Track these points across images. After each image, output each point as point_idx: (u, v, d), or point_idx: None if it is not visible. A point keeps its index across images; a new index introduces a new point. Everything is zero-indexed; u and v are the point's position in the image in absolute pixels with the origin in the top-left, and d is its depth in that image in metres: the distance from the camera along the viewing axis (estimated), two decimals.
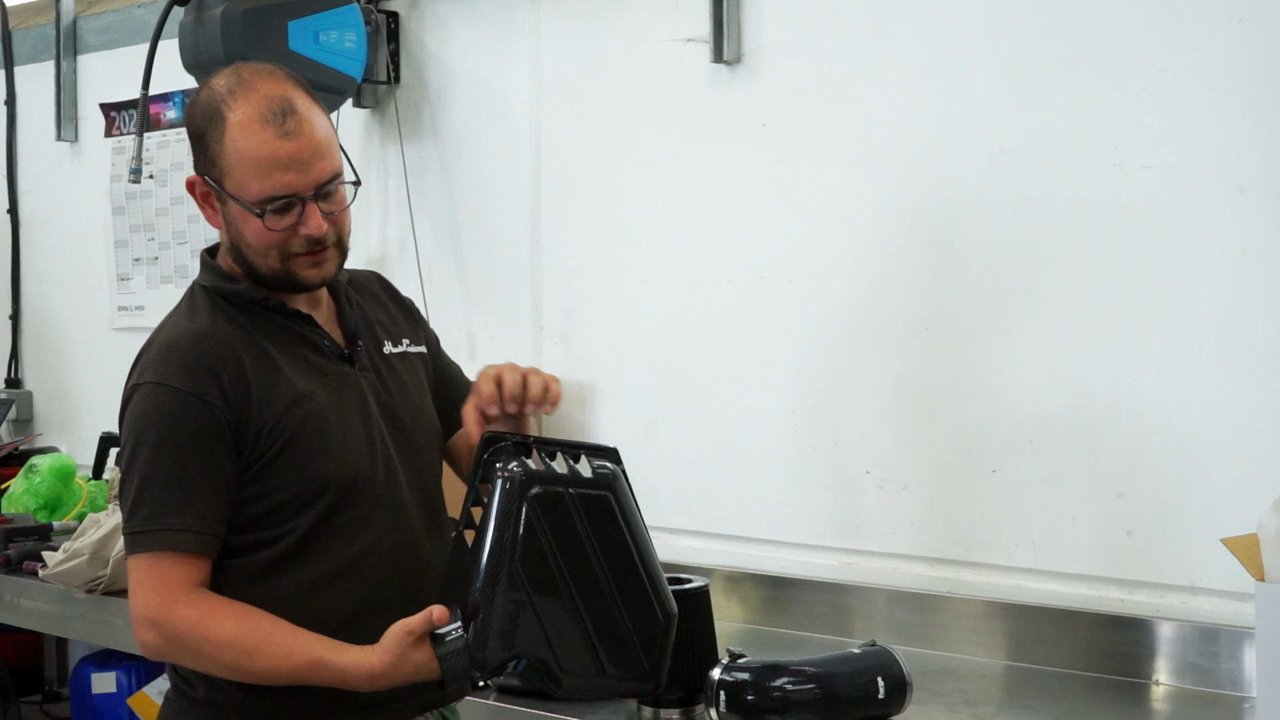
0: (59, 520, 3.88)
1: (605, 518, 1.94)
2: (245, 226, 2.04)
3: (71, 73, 4.55)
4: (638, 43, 3.25)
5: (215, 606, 1.98)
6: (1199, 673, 2.49)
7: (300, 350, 2.10)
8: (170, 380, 2.01)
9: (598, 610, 1.92)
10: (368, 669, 1.93)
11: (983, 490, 2.77)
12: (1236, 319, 2.50)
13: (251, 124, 1.99)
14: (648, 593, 1.95)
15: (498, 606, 1.88)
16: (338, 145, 2.08)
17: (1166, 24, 2.55)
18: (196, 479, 1.99)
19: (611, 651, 1.93)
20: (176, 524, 1.98)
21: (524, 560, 1.89)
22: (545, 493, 1.91)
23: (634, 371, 3.28)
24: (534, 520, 1.90)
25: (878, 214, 2.90)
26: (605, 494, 1.95)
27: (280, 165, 1.99)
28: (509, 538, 1.89)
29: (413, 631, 1.90)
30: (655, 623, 1.96)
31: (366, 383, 2.13)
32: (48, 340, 4.75)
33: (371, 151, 3.76)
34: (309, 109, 2.03)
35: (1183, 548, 2.55)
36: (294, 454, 2.03)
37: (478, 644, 1.88)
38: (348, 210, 2.09)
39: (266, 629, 1.97)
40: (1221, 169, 2.51)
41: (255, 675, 1.98)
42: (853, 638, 2.80)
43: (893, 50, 2.87)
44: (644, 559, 1.96)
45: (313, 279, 2.07)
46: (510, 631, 1.88)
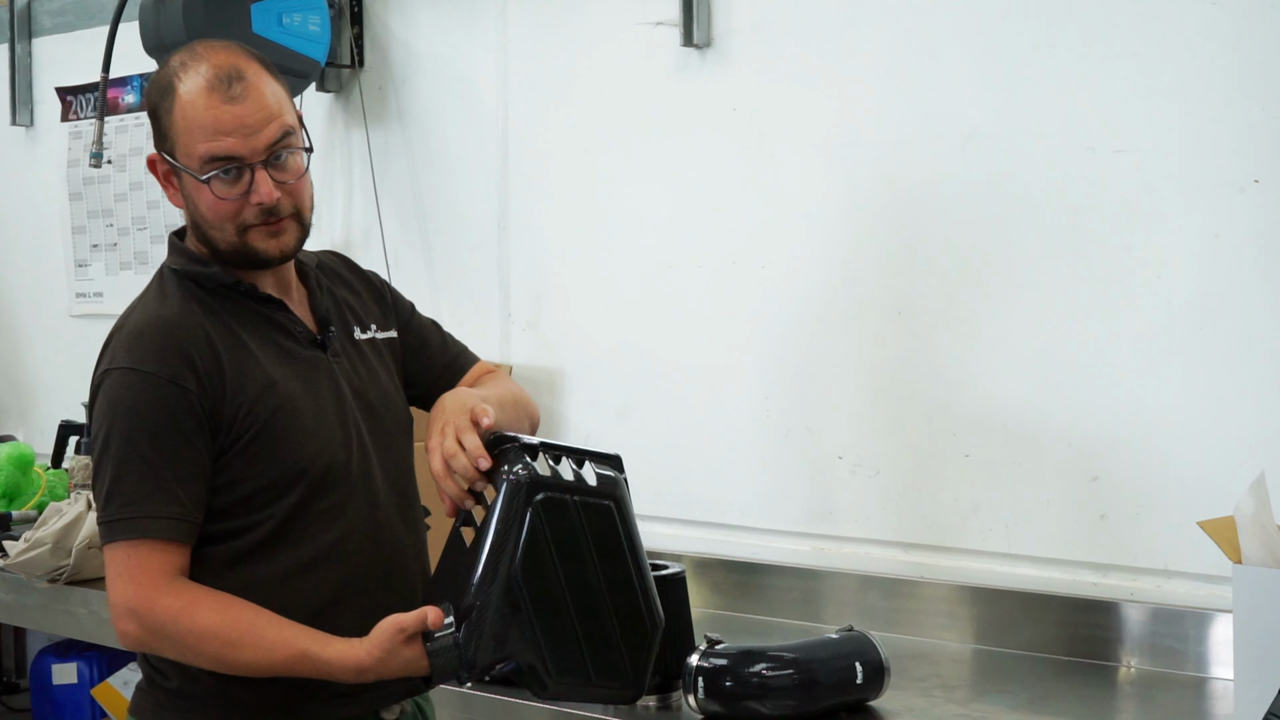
0: (18, 510, 3.82)
1: (606, 526, 1.96)
2: (200, 199, 2.01)
3: (26, 56, 4.48)
4: (606, 25, 3.23)
5: (198, 597, 1.95)
6: (1172, 655, 2.50)
7: (272, 336, 2.07)
8: (143, 365, 1.97)
9: (591, 619, 1.93)
10: (354, 663, 1.91)
11: (955, 475, 2.77)
12: (1209, 303, 2.51)
13: (199, 91, 1.98)
14: (638, 601, 1.98)
15: (493, 609, 1.87)
16: (292, 114, 2.05)
17: (1140, 7, 2.56)
18: (173, 465, 1.96)
19: (599, 660, 1.95)
20: (154, 511, 1.94)
21: (524, 565, 1.88)
22: (551, 499, 1.91)
23: (604, 358, 3.26)
24: (538, 526, 1.89)
25: (849, 198, 2.89)
26: (608, 503, 1.97)
27: (224, 129, 1.97)
28: (511, 541, 1.88)
29: (405, 629, 1.88)
30: (642, 631, 1.98)
31: (339, 369, 2.11)
32: (4, 328, 4.69)
33: (335, 136, 3.72)
34: (259, 75, 2.01)
35: (1155, 531, 2.56)
36: (269, 440, 2.00)
37: (469, 644, 1.86)
38: (305, 181, 2.06)
39: (251, 620, 1.94)
40: (1195, 153, 2.51)
41: (239, 667, 1.95)
42: (825, 623, 2.79)
43: (864, 33, 2.86)
44: (638, 568, 1.98)
45: (271, 251, 2.03)
46: (503, 635, 1.87)
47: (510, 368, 3.37)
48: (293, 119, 2.04)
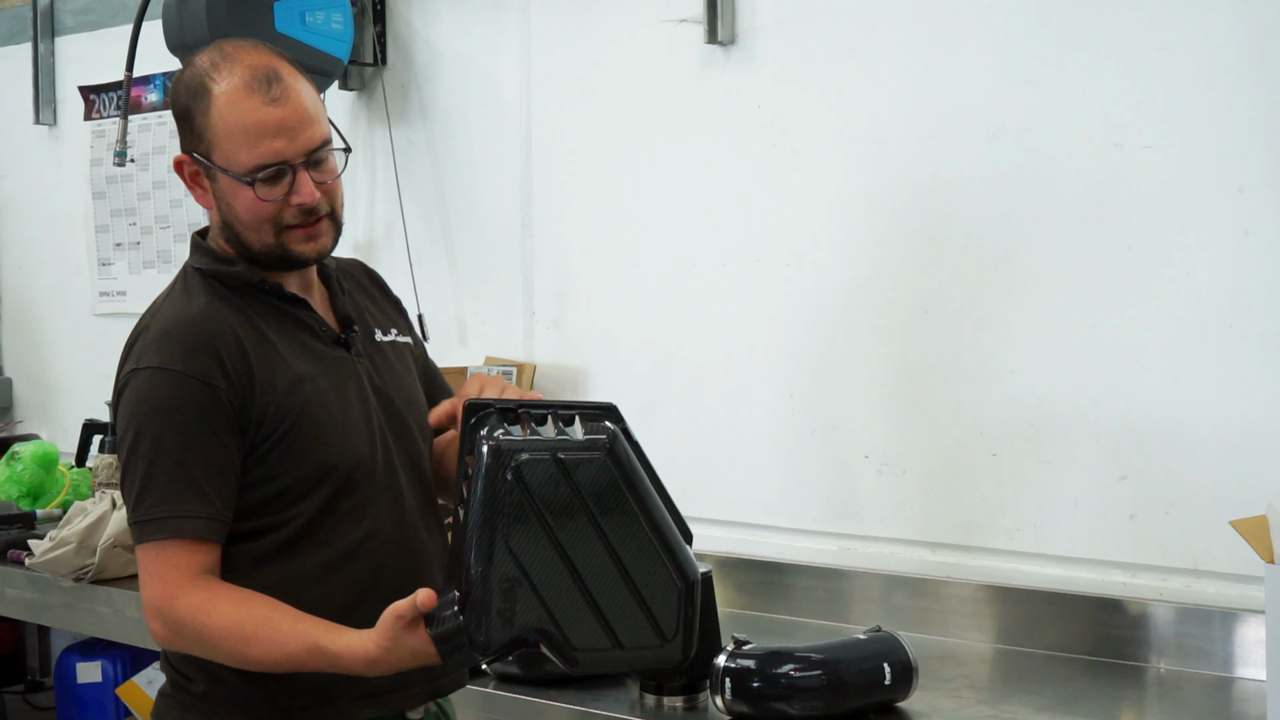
0: (42, 508, 3.83)
1: (602, 482, 1.82)
2: (236, 200, 2.00)
3: (49, 55, 4.49)
4: (630, 23, 3.21)
5: (217, 592, 1.95)
6: (1202, 656, 2.48)
7: (297, 334, 2.07)
8: (171, 364, 1.97)
9: (603, 581, 1.82)
10: (363, 655, 1.88)
11: (983, 474, 2.75)
12: (1239, 299, 2.48)
13: (238, 93, 1.97)
14: (659, 558, 1.83)
15: (492, 585, 1.80)
16: (325, 115, 2.05)
17: (1168, 1, 2.53)
18: (202, 463, 1.95)
19: (624, 623, 1.82)
20: (184, 510, 1.94)
21: (514, 534, 1.80)
22: (531, 460, 1.81)
23: (628, 356, 3.25)
24: (521, 491, 1.80)
25: (874, 195, 2.88)
26: (599, 455, 1.83)
27: (269, 132, 1.96)
28: (496, 511, 1.80)
29: (402, 616, 1.85)
30: (671, 589, 1.84)
31: (362, 368, 2.11)
32: (27, 327, 4.69)
33: (358, 134, 3.71)
34: (294, 77, 2.01)
35: (1185, 530, 2.54)
36: (297, 439, 2.00)
37: (476, 625, 1.81)
38: (339, 181, 2.06)
39: (266, 614, 1.93)
40: (1224, 148, 2.49)
41: (255, 662, 1.95)
42: (850, 623, 2.78)
43: (889, 29, 2.84)
44: (654, 522, 1.84)
45: (308, 253, 2.04)
46: (508, 610, 1.80)
47: (534, 366, 3.37)
48: (326, 122, 2.04)
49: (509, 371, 3.35)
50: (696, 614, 1.86)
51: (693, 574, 1.86)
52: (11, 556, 3.46)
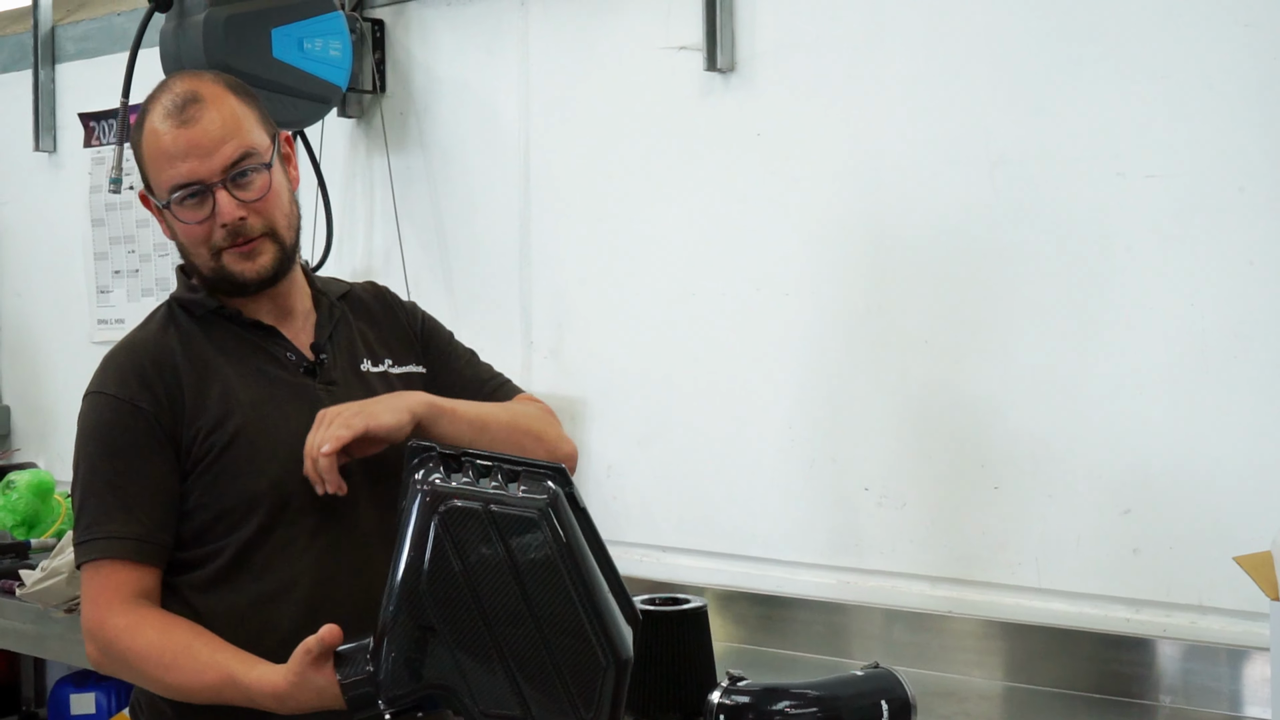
0: (37, 537, 3.80)
1: (534, 543, 1.74)
2: (177, 228, 2.03)
3: (50, 82, 4.48)
4: (629, 51, 3.19)
5: (145, 616, 1.94)
6: (1207, 694, 2.44)
7: (254, 360, 2.06)
8: (106, 388, 2.00)
9: (519, 645, 1.73)
10: (272, 688, 1.85)
11: (984, 507, 2.71)
12: (1243, 330, 2.45)
13: (156, 121, 2.00)
14: (586, 631, 1.73)
15: (405, 632, 1.74)
16: (257, 131, 2.02)
17: (1170, 29, 2.51)
18: (133, 485, 1.96)
19: (537, 694, 1.73)
20: (113, 531, 1.95)
21: (431, 583, 1.73)
22: (458, 509, 1.75)
23: (626, 386, 3.22)
24: (444, 539, 1.74)
25: (875, 224, 2.85)
26: (533, 515, 1.74)
27: (179, 154, 1.97)
28: (420, 556, 1.75)
29: (309, 651, 1.81)
30: (594, 665, 1.73)
31: (330, 396, 2.07)
32: (26, 354, 4.67)
33: (357, 162, 3.70)
34: (218, 97, 2.00)
35: (1190, 565, 2.50)
36: (229, 465, 1.99)
37: (384, 673, 1.75)
38: (275, 198, 2.02)
39: (187, 642, 1.91)
40: (1227, 177, 2.46)
41: (175, 690, 1.93)
42: (850, 658, 2.74)
43: (890, 57, 2.82)
44: (586, 592, 1.74)
45: (246, 273, 2.02)
46: (417, 660, 1.74)
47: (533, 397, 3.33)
48: (257, 137, 2.01)
49: None
50: (622, 697, 1.75)
51: (624, 653, 1.75)
52: (3, 586, 3.43)
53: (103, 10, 4.37)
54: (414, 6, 3.58)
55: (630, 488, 3.12)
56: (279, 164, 2.05)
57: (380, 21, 3.62)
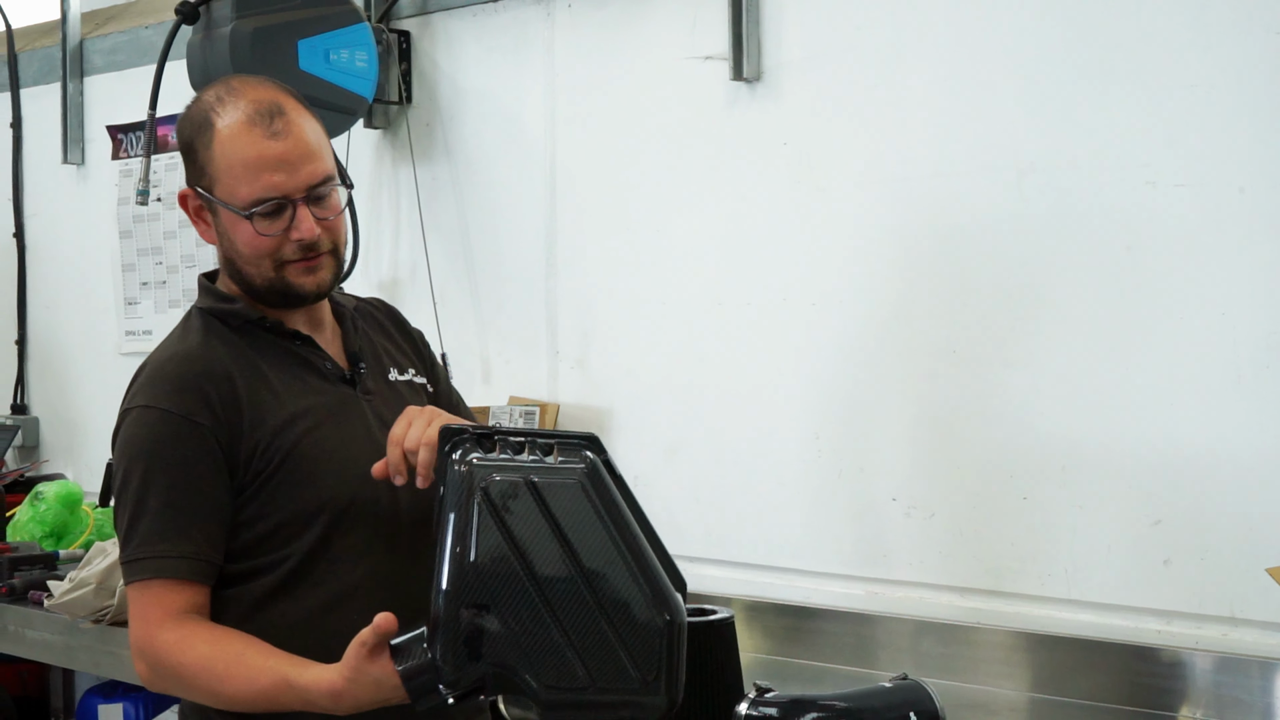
0: (65, 549, 3.81)
1: (576, 511, 1.74)
2: (237, 234, 2.00)
3: (78, 94, 4.50)
4: (655, 60, 3.19)
5: (195, 630, 1.93)
6: (1239, 707, 2.41)
7: (298, 371, 2.05)
8: (159, 403, 1.96)
9: (575, 615, 1.71)
10: (328, 686, 1.83)
11: (1013, 518, 2.69)
12: (1275, 340, 2.43)
13: (239, 127, 1.97)
14: (639, 593, 1.72)
15: (460, 615, 1.72)
16: (330, 151, 2.04)
17: (1199, 37, 2.49)
18: (188, 504, 1.94)
19: (599, 663, 1.71)
20: (167, 550, 1.93)
21: (480, 561, 1.72)
22: (501, 484, 1.74)
23: (652, 396, 3.21)
24: (489, 516, 1.73)
25: (902, 233, 2.83)
26: (573, 484, 1.75)
27: (269, 165, 1.95)
28: (465, 536, 1.73)
29: (365, 643, 1.79)
30: (653, 628, 1.71)
31: (369, 406, 2.08)
32: (54, 366, 4.69)
33: (383, 172, 3.70)
34: (298, 112, 2.00)
35: (1221, 577, 2.47)
36: (287, 477, 1.98)
37: (444, 658, 1.72)
38: (342, 217, 2.05)
39: (239, 650, 1.90)
40: (1257, 186, 2.44)
41: (230, 700, 1.91)
42: (878, 670, 2.72)
43: (917, 66, 2.81)
44: (634, 555, 1.73)
45: (307, 286, 2.02)
46: (475, 641, 1.72)
47: (558, 406, 3.33)
48: (330, 156, 2.03)
49: (532, 412, 3.32)
50: (682, 660, 1.74)
51: (678, 614, 1.74)
52: (32, 598, 3.44)
53: (130, 23, 4.39)
54: (440, 17, 3.59)
55: (657, 498, 3.10)
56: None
57: (406, 32, 3.63)
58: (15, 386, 4.76)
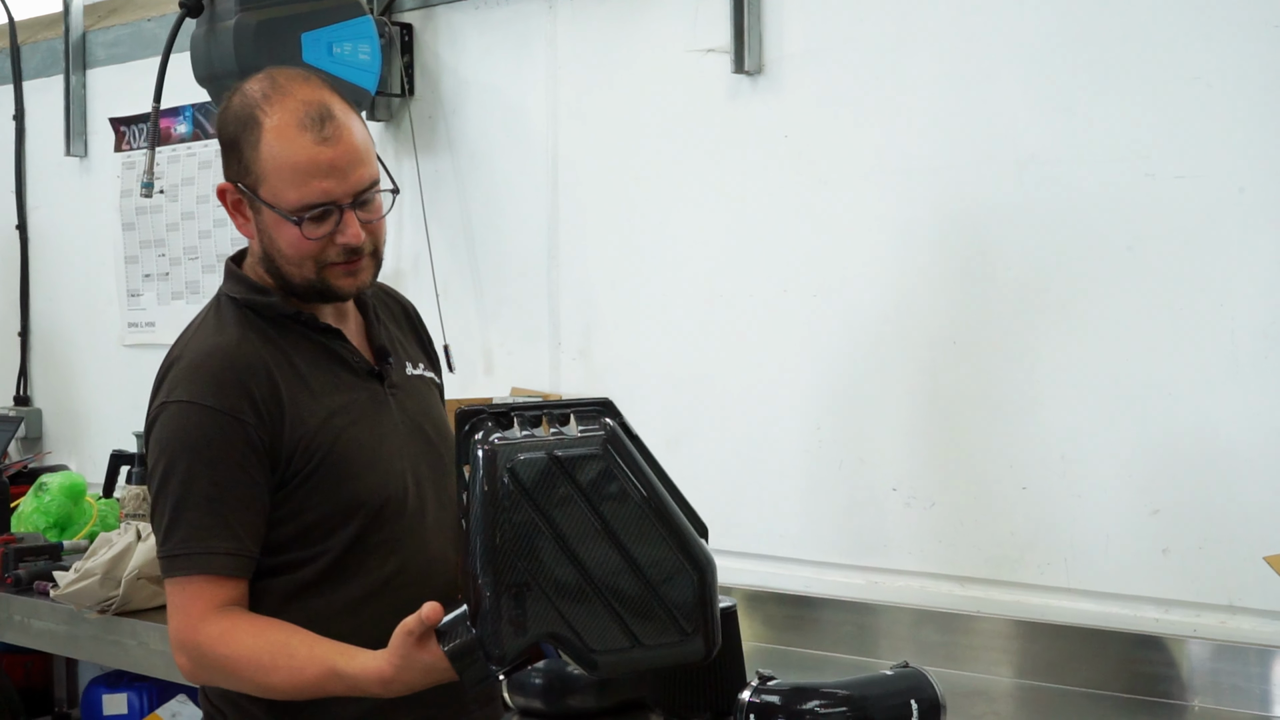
0: (69, 539, 3.83)
1: (602, 478, 1.78)
2: (280, 235, 1.99)
3: (81, 87, 4.51)
4: (657, 53, 3.21)
5: (237, 622, 1.94)
6: (1238, 694, 2.43)
7: (330, 366, 2.06)
8: (201, 398, 1.96)
9: (614, 578, 1.77)
10: (377, 674, 1.85)
11: (1013, 507, 2.71)
12: (1273, 330, 2.45)
13: (289, 129, 1.94)
14: (670, 549, 1.79)
15: (500, 592, 1.76)
16: (374, 152, 2.04)
17: (1200, 30, 2.51)
18: (231, 499, 1.95)
19: (641, 621, 1.78)
20: (210, 548, 1.94)
21: (515, 539, 1.76)
22: (527, 461, 1.77)
23: (654, 388, 3.23)
24: (520, 492, 1.77)
25: (903, 225, 2.85)
26: (596, 450, 1.79)
27: (319, 172, 1.94)
28: (496, 516, 1.77)
29: (412, 632, 1.82)
30: (686, 579, 1.79)
31: (395, 401, 2.09)
32: (57, 357, 4.71)
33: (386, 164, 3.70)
34: (346, 115, 1.98)
35: (1220, 566, 2.49)
36: (326, 474, 1.99)
37: (490, 637, 1.76)
38: (384, 219, 2.05)
39: (284, 641, 1.92)
40: (1257, 178, 2.46)
41: (276, 690, 1.93)
42: (879, 658, 2.74)
43: (918, 58, 2.82)
44: (661, 513, 1.79)
45: (347, 288, 2.03)
46: (520, 617, 1.75)
47: (560, 397, 3.35)
48: (375, 160, 2.02)
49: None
50: (716, 604, 1.82)
51: (706, 562, 1.81)
52: (37, 588, 3.46)
53: (133, 16, 4.40)
54: (442, 10, 3.60)
55: None
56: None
57: (409, 25, 3.64)
58: (18, 378, 4.78)
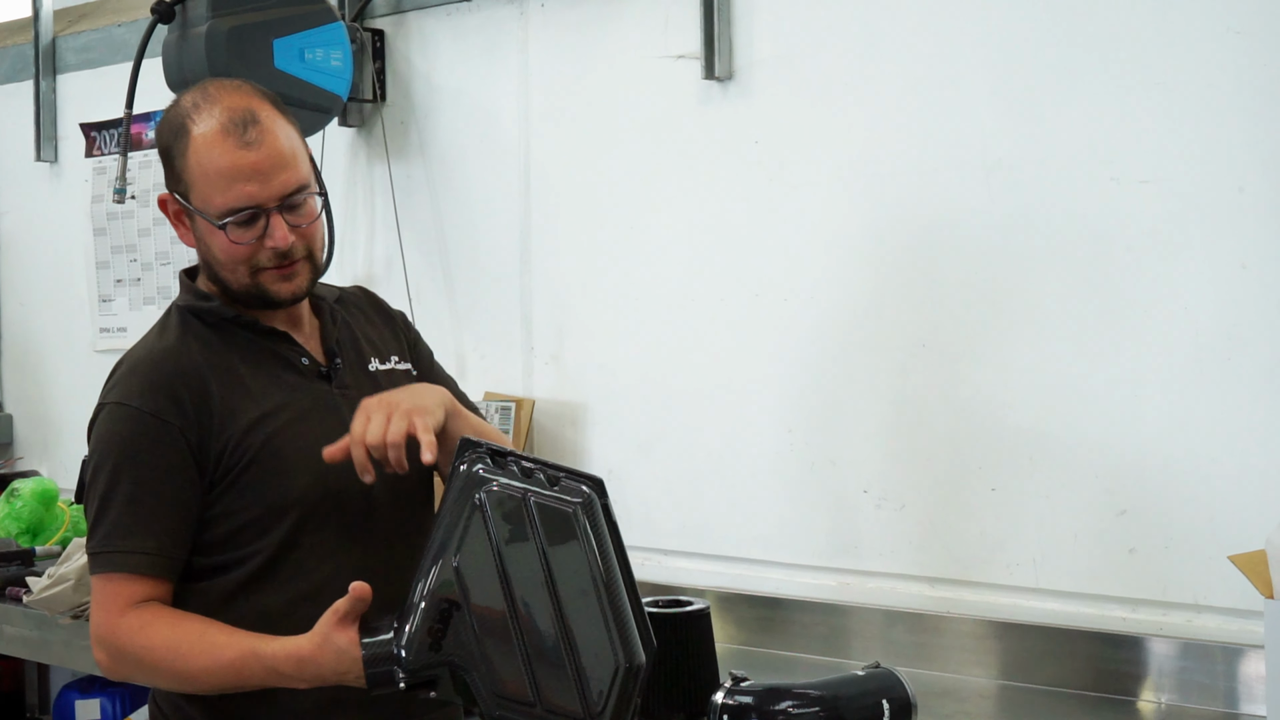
0: (41, 545, 3.82)
1: (565, 537, 1.80)
2: (212, 241, 2.02)
3: (51, 92, 4.50)
4: (628, 59, 3.22)
5: (157, 614, 1.96)
6: (1203, 691, 2.47)
7: (272, 368, 2.07)
8: (130, 400, 1.99)
9: (538, 632, 1.79)
10: (295, 651, 1.88)
11: (982, 508, 2.74)
12: (1237, 333, 2.48)
13: (213, 136, 1.98)
14: (605, 630, 1.79)
15: (430, 603, 1.80)
16: (305, 157, 2.06)
17: (1163, 36, 2.54)
18: (153, 501, 1.97)
19: (551, 682, 1.78)
20: (130, 546, 1.97)
21: (464, 559, 1.80)
22: (500, 493, 1.81)
23: (626, 391, 3.25)
24: (483, 519, 1.80)
25: (872, 229, 2.88)
26: (568, 511, 1.81)
27: (242, 176, 1.97)
28: (455, 535, 1.81)
29: (337, 610, 1.85)
30: (609, 665, 1.78)
31: (345, 400, 2.09)
32: (28, 363, 4.70)
33: (358, 170, 3.72)
34: (273, 120, 2.01)
35: (1185, 565, 2.53)
36: (257, 475, 2.00)
37: (406, 643, 1.80)
38: (318, 223, 2.07)
39: (201, 630, 1.94)
40: (1220, 182, 2.49)
41: (194, 678, 1.94)
42: (850, 659, 2.77)
43: (886, 65, 2.85)
44: (610, 593, 1.80)
45: (283, 293, 2.05)
46: (439, 631, 1.79)
47: (534, 402, 3.36)
48: (306, 163, 2.04)
49: (508, 407, 3.35)
50: (632, 702, 1.79)
51: (638, 658, 1.80)
52: (10, 594, 3.45)
53: (103, 21, 4.40)
54: (414, 16, 3.61)
55: (631, 492, 3.14)
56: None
57: (380, 31, 3.65)
58: None
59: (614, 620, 1.79)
